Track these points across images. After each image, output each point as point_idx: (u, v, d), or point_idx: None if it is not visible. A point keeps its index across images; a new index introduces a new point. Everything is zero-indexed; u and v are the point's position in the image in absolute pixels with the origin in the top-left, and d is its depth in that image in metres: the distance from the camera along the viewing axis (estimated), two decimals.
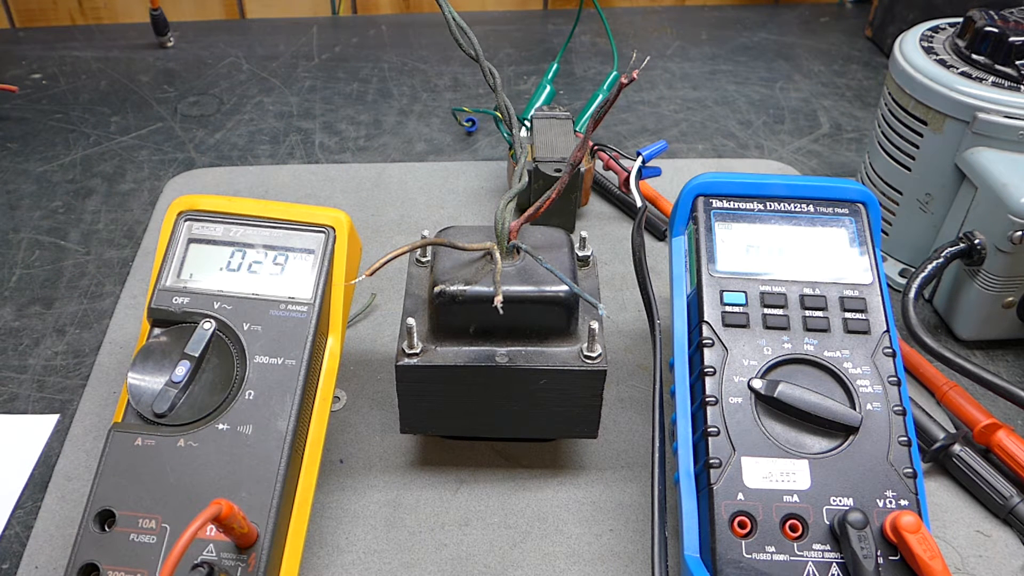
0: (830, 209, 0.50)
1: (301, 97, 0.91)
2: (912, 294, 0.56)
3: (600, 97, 0.79)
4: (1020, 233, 0.54)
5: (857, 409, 0.44)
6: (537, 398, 0.47)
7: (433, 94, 0.92)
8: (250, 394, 0.43)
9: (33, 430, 0.54)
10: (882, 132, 0.66)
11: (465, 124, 0.85)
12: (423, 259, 0.51)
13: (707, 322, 0.46)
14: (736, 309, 0.46)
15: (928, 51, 0.62)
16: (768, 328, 0.46)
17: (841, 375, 0.45)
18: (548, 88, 0.81)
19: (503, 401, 0.47)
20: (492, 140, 0.84)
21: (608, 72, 0.83)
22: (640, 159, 0.63)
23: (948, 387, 0.55)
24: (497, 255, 0.45)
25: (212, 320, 0.45)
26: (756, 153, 0.83)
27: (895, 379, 0.45)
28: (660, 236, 0.70)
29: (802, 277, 0.47)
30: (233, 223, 0.48)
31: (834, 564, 0.40)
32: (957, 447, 0.51)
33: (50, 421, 0.55)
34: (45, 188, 0.76)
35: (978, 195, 0.57)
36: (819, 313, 0.46)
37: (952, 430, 0.53)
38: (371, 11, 1.10)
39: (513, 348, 0.47)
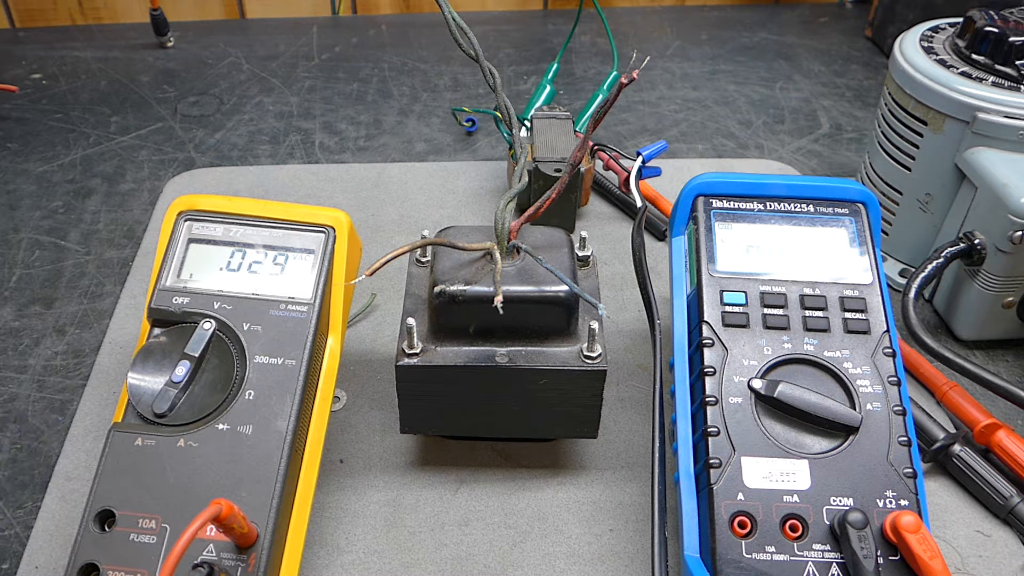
0: (830, 209, 0.50)
1: (301, 97, 0.91)
2: (912, 294, 0.56)
3: (600, 97, 0.79)
4: (1020, 233, 0.54)
5: (857, 409, 0.44)
6: (537, 398, 0.47)
7: (433, 94, 0.92)
8: (250, 394, 0.43)
9: None
10: (882, 132, 0.66)
11: (465, 124, 0.85)
12: (423, 259, 0.51)
13: (707, 322, 0.46)
14: (736, 309, 0.46)
15: (928, 51, 0.62)
16: (768, 328, 0.46)
17: (841, 375, 0.45)
18: (548, 88, 0.81)
19: (503, 401, 0.47)
20: (492, 140, 0.84)
21: (608, 72, 0.82)
22: (640, 159, 0.63)
23: (948, 387, 0.55)
24: (497, 255, 0.45)
25: (212, 320, 0.45)
26: (756, 153, 0.83)
27: (895, 379, 0.45)
28: (660, 236, 0.70)
29: (802, 277, 0.47)
30: (233, 223, 0.48)
31: (834, 564, 0.40)
32: (957, 447, 0.51)
33: None
34: (45, 188, 0.76)
35: (978, 195, 0.57)
36: (819, 313, 0.46)
37: (952, 430, 0.53)
38: (371, 11, 1.10)
39: (513, 348, 0.47)
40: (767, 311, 0.46)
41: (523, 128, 0.73)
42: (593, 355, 0.46)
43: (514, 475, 0.52)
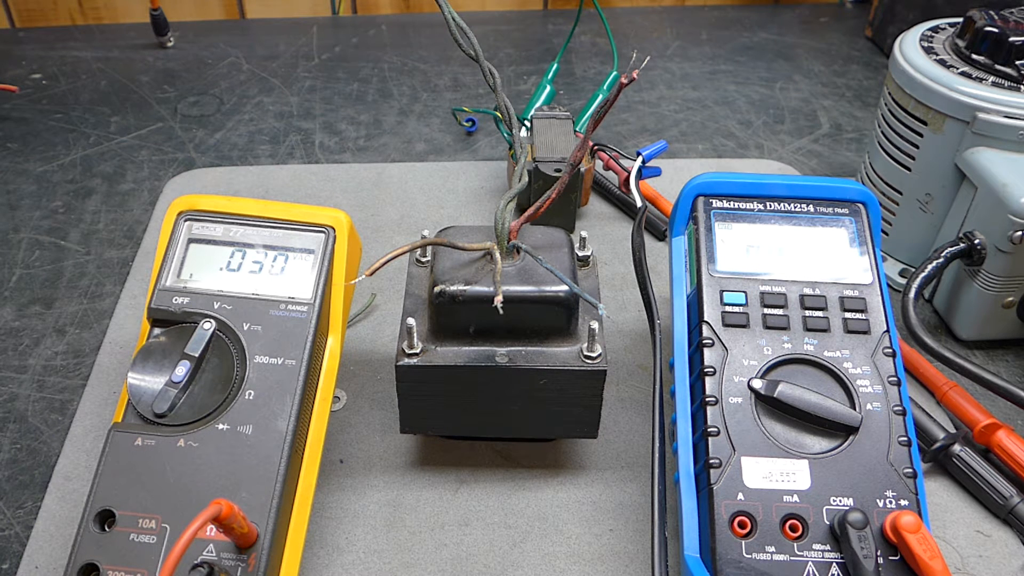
0: (830, 209, 0.50)
1: (301, 97, 0.91)
2: (912, 294, 0.56)
3: (600, 97, 0.79)
4: (1020, 233, 0.54)
5: (857, 409, 0.44)
6: (537, 398, 0.47)
7: (433, 94, 0.92)
8: (250, 394, 0.43)
9: None
10: (882, 132, 0.66)
11: (465, 124, 0.85)
12: (423, 259, 0.51)
13: (707, 322, 0.46)
14: (736, 309, 0.46)
15: (928, 51, 0.62)
16: (768, 328, 0.46)
17: (841, 375, 0.45)
18: (548, 88, 0.81)
19: (503, 401, 0.47)
20: (492, 140, 0.84)
21: (608, 72, 0.82)
22: (640, 159, 0.63)
23: (948, 387, 0.55)
24: (497, 255, 0.45)
25: (212, 320, 0.45)
26: (756, 153, 0.83)
27: (895, 379, 0.45)
28: (660, 236, 0.70)
29: (802, 277, 0.47)
30: (233, 223, 0.48)
31: (834, 564, 0.40)
32: (957, 447, 0.51)
33: None
34: (45, 188, 0.76)
35: (978, 195, 0.57)
36: (819, 313, 0.46)
37: (952, 430, 0.53)
38: (371, 11, 1.10)
39: (513, 348, 0.47)
40: (767, 311, 0.46)
41: (523, 128, 0.73)
42: (593, 355, 0.46)
43: (514, 475, 0.52)
